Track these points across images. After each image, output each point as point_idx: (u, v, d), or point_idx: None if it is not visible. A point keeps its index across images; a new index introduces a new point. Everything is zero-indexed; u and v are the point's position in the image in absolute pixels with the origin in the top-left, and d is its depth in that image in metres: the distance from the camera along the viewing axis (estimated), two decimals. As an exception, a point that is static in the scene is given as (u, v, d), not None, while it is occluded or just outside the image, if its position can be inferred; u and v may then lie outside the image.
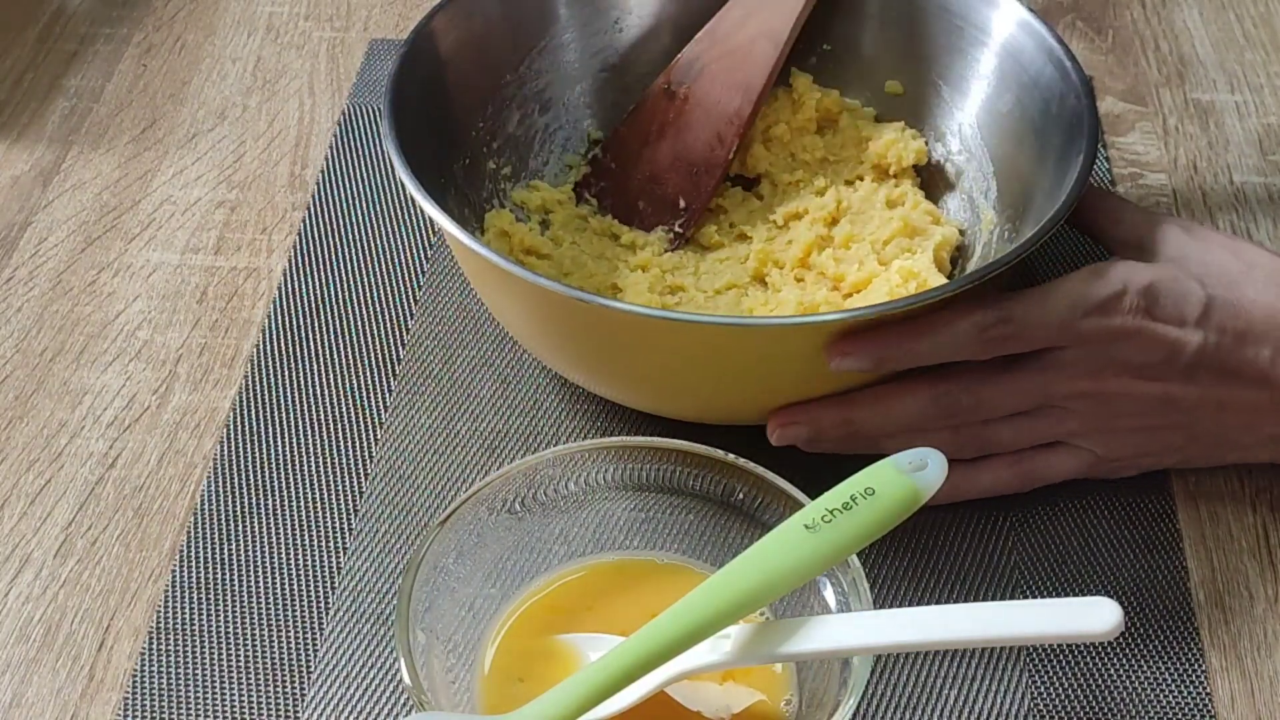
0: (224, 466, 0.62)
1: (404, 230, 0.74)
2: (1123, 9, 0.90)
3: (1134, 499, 0.61)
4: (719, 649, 0.48)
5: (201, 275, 0.72)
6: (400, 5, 0.91)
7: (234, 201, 0.76)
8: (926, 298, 0.54)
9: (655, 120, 0.71)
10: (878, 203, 0.68)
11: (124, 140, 0.80)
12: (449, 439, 0.64)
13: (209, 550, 0.59)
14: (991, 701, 0.54)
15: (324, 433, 0.64)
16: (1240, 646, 0.56)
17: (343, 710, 0.54)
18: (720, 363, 0.56)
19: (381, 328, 0.69)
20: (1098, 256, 0.72)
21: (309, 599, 0.58)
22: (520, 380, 0.66)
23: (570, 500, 0.55)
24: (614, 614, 0.53)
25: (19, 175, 0.78)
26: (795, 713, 0.51)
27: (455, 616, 0.52)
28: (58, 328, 0.69)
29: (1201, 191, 0.77)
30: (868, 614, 0.49)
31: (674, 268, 0.67)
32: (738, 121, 0.69)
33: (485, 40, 0.69)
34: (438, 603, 0.51)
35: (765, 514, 0.53)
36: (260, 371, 0.67)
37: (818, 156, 0.71)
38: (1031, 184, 0.63)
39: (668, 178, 0.70)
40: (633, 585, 0.55)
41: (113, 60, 0.86)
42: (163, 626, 0.57)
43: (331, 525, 0.60)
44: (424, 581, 0.50)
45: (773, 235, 0.69)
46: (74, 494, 0.62)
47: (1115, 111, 0.82)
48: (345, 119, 0.81)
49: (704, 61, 0.70)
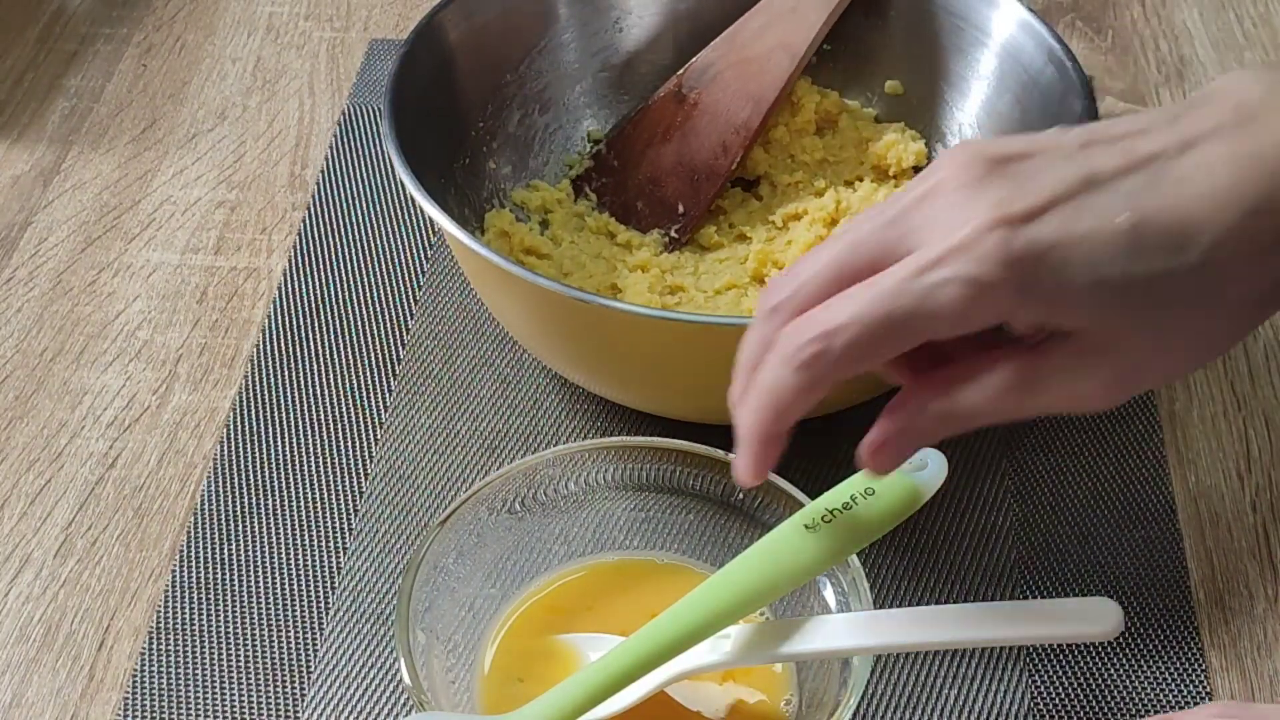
0: (224, 466, 0.62)
1: (404, 230, 0.74)
2: (1123, 9, 0.90)
3: (1134, 499, 0.61)
4: (719, 649, 0.48)
5: (201, 275, 0.72)
6: (400, 5, 0.91)
7: (234, 201, 0.76)
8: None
9: (663, 122, 0.71)
10: (877, 203, 0.68)
11: (124, 140, 0.80)
12: (449, 439, 0.64)
13: (209, 550, 0.59)
14: (991, 701, 0.54)
15: (324, 433, 0.64)
16: (1240, 646, 0.56)
17: (343, 710, 0.54)
18: (720, 363, 0.56)
19: (381, 328, 0.69)
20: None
21: (309, 599, 0.58)
22: (520, 380, 0.66)
23: (570, 500, 0.55)
24: (614, 614, 0.53)
25: (19, 175, 0.78)
26: (795, 713, 0.51)
27: (455, 616, 0.52)
28: (58, 328, 0.69)
29: (1201, 191, 0.77)
30: (868, 614, 0.49)
31: (674, 268, 0.67)
32: (745, 132, 0.69)
33: (485, 40, 0.69)
34: (438, 603, 0.51)
35: (765, 514, 0.53)
36: (260, 371, 0.67)
37: (817, 158, 0.71)
38: (1031, 184, 0.63)
39: (668, 181, 0.70)
40: (633, 585, 0.55)
41: (113, 60, 0.86)
42: (163, 626, 0.57)
43: (331, 525, 0.60)
44: (424, 581, 0.50)
45: (772, 236, 0.69)
46: (74, 494, 0.62)
47: (1115, 111, 0.82)
48: (345, 119, 0.81)
49: (719, 68, 0.70)
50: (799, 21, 0.68)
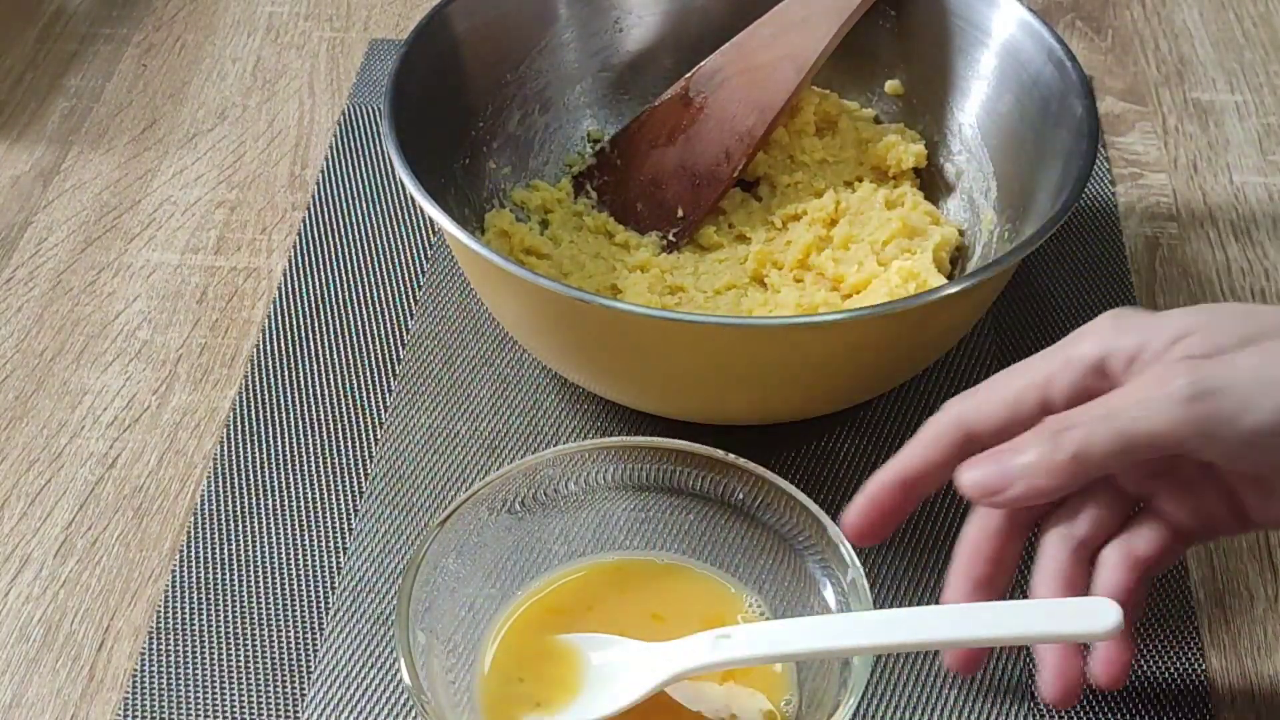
0: (224, 466, 0.62)
1: (404, 230, 0.74)
2: (1122, 9, 0.90)
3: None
4: (719, 649, 0.48)
5: (201, 275, 0.72)
6: (400, 5, 0.91)
7: (234, 201, 0.76)
8: (926, 298, 0.54)
9: (668, 124, 0.71)
10: (876, 204, 0.68)
11: (124, 140, 0.80)
12: (449, 439, 0.64)
13: (209, 550, 0.59)
14: (991, 701, 0.54)
15: (324, 433, 0.64)
16: (1240, 646, 0.56)
17: (343, 710, 0.54)
18: (720, 363, 0.56)
19: (381, 328, 0.69)
20: (1098, 256, 0.72)
21: (309, 599, 0.58)
22: (520, 380, 0.66)
23: (570, 500, 0.55)
24: (614, 614, 0.53)
25: (19, 175, 0.78)
26: (795, 713, 0.51)
27: (455, 616, 0.52)
28: (58, 328, 0.69)
29: (1201, 191, 0.77)
30: (868, 614, 0.49)
31: (673, 268, 0.67)
32: (748, 140, 0.69)
33: (485, 40, 0.69)
34: (438, 603, 0.51)
35: (765, 514, 0.53)
36: (260, 371, 0.67)
37: (817, 159, 0.71)
38: (1031, 184, 0.63)
39: (669, 184, 0.70)
40: (632, 585, 0.55)
41: (113, 60, 0.86)
42: (163, 626, 0.57)
43: (331, 525, 0.60)
44: (424, 581, 0.50)
45: (772, 236, 0.69)
46: (74, 494, 0.62)
47: (1115, 111, 0.82)
48: (345, 119, 0.81)
49: (726, 74, 0.69)
50: (808, 33, 0.68)
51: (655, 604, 0.48)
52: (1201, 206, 0.76)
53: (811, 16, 0.68)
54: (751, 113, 0.69)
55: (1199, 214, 0.75)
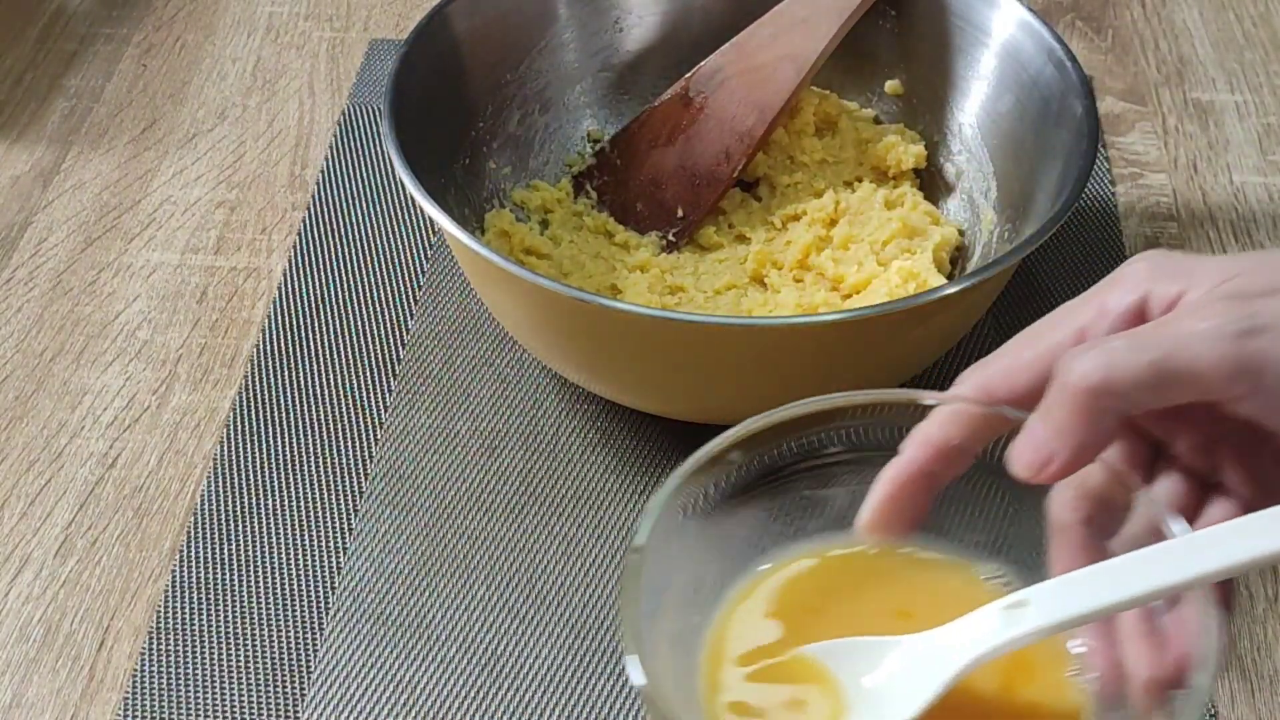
0: (224, 466, 0.63)
1: (404, 230, 0.74)
2: (1123, 9, 0.90)
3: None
4: (1016, 622, 0.39)
5: (201, 275, 0.72)
6: (400, 5, 0.91)
7: (234, 201, 0.76)
8: (926, 298, 0.54)
9: (668, 124, 0.71)
10: (876, 204, 0.68)
11: (124, 140, 0.80)
12: (449, 439, 0.64)
13: (209, 550, 0.59)
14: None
15: (324, 433, 0.64)
16: (1240, 646, 0.56)
17: (343, 710, 0.54)
18: (720, 363, 0.56)
19: (381, 328, 0.69)
20: (1098, 256, 0.72)
21: (309, 599, 0.58)
22: (520, 380, 0.66)
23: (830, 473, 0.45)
24: (850, 616, 0.43)
25: (19, 175, 0.78)
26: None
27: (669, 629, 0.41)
28: (58, 328, 0.69)
29: (1201, 191, 0.77)
30: (1183, 539, 0.39)
31: (673, 268, 0.67)
32: (748, 140, 0.69)
33: (485, 40, 0.69)
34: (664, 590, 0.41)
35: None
36: (260, 371, 0.67)
37: (817, 159, 0.71)
38: (1031, 184, 0.63)
39: (669, 184, 0.70)
40: (862, 580, 0.44)
41: (113, 60, 0.86)
42: (163, 626, 0.57)
43: (331, 525, 0.60)
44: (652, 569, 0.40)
45: (771, 236, 0.69)
46: (74, 494, 0.62)
47: (1115, 111, 0.82)
48: (345, 119, 0.81)
49: (726, 74, 0.69)
50: (808, 33, 0.68)
51: (898, 598, 0.40)
52: (1201, 206, 0.76)
53: (811, 16, 0.68)
54: (751, 113, 0.69)
55: (1199, 214, 0.76)
